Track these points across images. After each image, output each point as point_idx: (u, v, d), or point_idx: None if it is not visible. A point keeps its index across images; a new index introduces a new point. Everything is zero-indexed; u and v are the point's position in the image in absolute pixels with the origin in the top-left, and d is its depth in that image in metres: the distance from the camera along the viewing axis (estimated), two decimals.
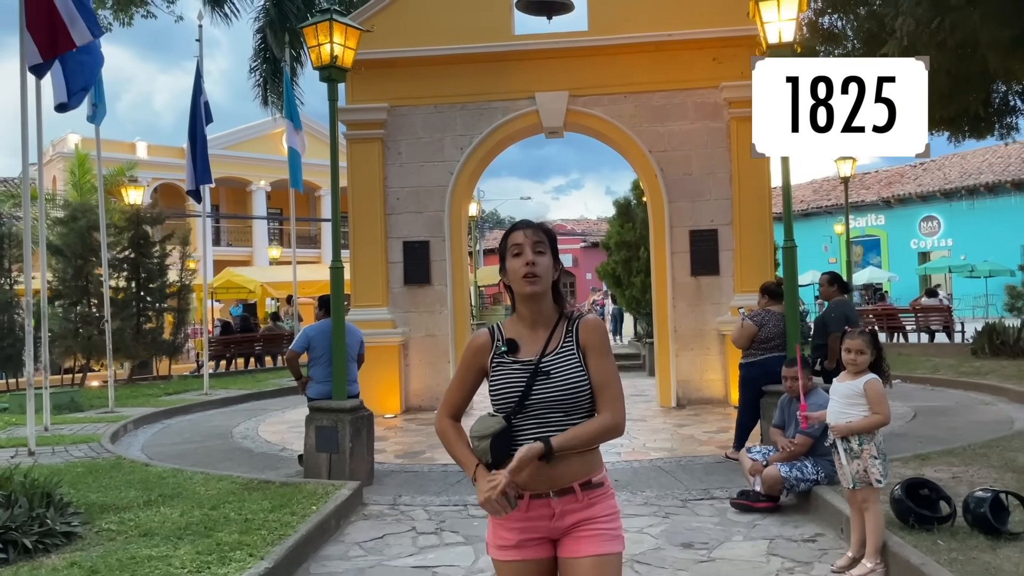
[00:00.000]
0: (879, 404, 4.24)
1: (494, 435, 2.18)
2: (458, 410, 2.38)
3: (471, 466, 2.23)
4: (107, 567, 4.20)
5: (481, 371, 2.35)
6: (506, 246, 2.30)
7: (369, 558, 4.96)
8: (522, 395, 2.21)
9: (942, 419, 8.99)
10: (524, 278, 2.23)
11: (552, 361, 2.24)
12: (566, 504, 2.19)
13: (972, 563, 3.94)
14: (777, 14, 6.94)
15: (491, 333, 2.35)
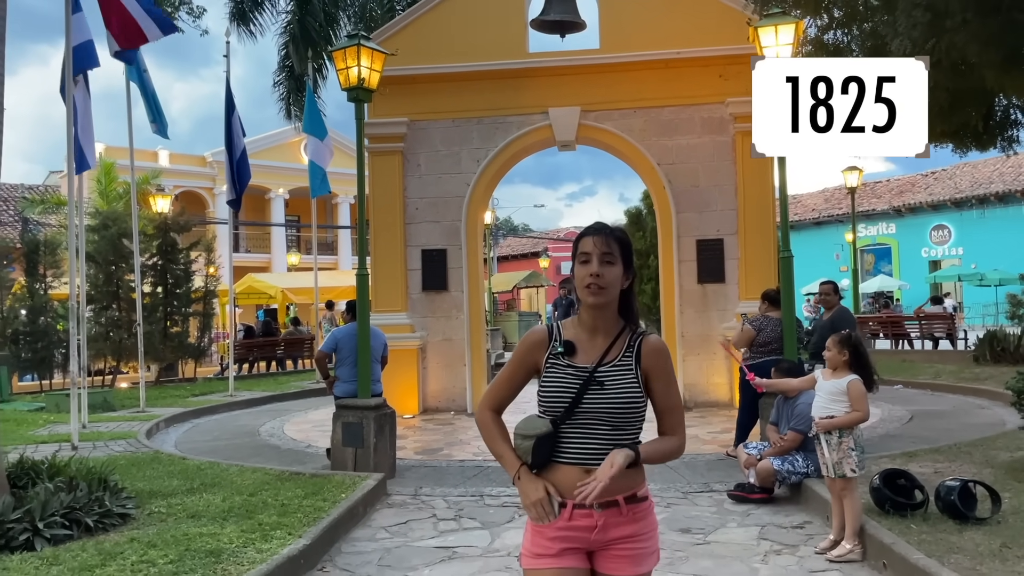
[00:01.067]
0: (859, 402, 4.69)
1: (539, 437, 2.15)
2: (502, 404, 2.34)
3: (515, 465, 2.20)
4: (163, 542, 4.71)
5: (532, 368, 2.29)
6: (576, 250, 2.24)
7: (394, 540, 5.45)
8: (573, 401, 2.16)
9: (937, 421, 9.39)
10: (587, 288, 2.19)
11: (608, 372, 2.19)
12: (610, 517, 2.16)
13: (938, 543, 4.38)
14: (775, 39, 7.41)
15: (549, 332, 2.29)
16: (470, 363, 11.55)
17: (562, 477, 2.16)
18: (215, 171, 36.22)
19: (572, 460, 2.16)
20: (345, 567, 4.88)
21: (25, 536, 4.66)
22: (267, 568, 4.33)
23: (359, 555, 5.13)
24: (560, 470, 2.17)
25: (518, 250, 49.89)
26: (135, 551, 4.56)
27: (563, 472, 2.17)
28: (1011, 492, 5.35)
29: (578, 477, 2.12)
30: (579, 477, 2.12)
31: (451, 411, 11.46)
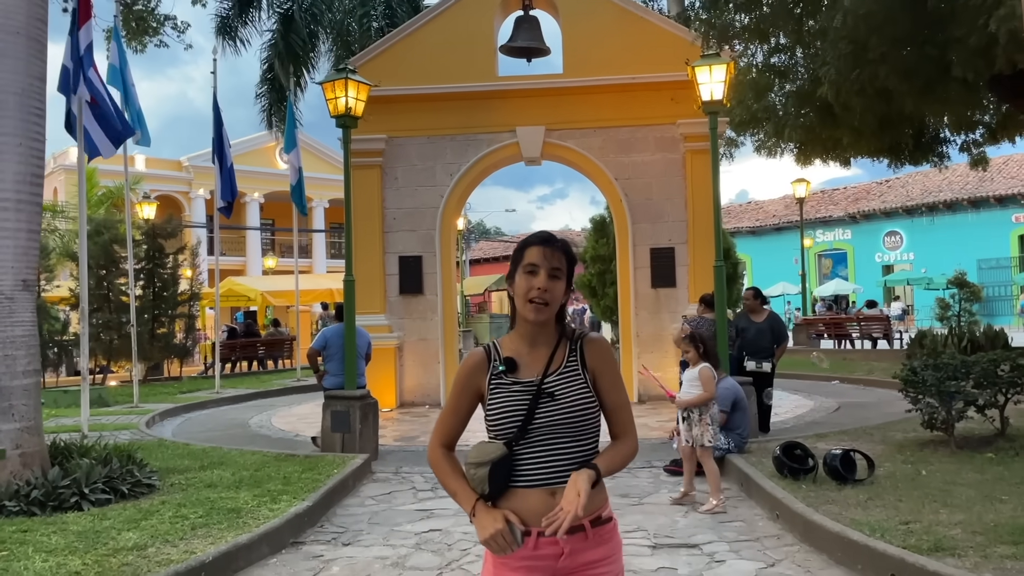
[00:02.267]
0: (707, 385, 6.06)
1: (494, 462, 2.03)
2: (452, 438, 2.20)
3: (470, 500, 2.05)
4: (191, 503, 5.69)
5: (476, 394, 2.16)
6: (521, 259, 2.13)
7: (380, 506, 6.45)
8: (524, 419, 2.05)
9: (860, 411, 10.57)
10: (531, 303, 2.09)
11: (556, 382, 2.09)
12: (576, 542, 2.03)
13: (819, 497, 5.49)
14: (709, 76, 8.54)
15: (487, 352, 2.17)
16: (443, 361, 12.56)
17: (524, 502, 2.03)
18: (191, 175, 36.87)
19: (533, 482, 2.04)
20: (340, 525, 5.88)
21: (74, 499, 5.62)
22: (279, 522, 5.33)
23: (351, 516, 6.13)
24: (521, 495, 2.04)
25: (490, 253, 50.91)
26: (169, 509, 5.53)
27: (524, 496, 2.03)
28: (891, 463, 6.50)
29: (541, 499, 2.01)
30: (542, 499, 2.01)
31: (426, 405, 12.45)
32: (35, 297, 6.31)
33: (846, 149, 15.28)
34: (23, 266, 6.11)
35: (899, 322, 27.00)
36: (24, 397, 6.02)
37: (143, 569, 4.37)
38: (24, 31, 6.14)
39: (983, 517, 4.83)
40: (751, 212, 43.19)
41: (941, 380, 6.78)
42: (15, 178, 6.02)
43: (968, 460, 6.44)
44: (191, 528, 5.13)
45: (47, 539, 4.86)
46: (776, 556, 4.85)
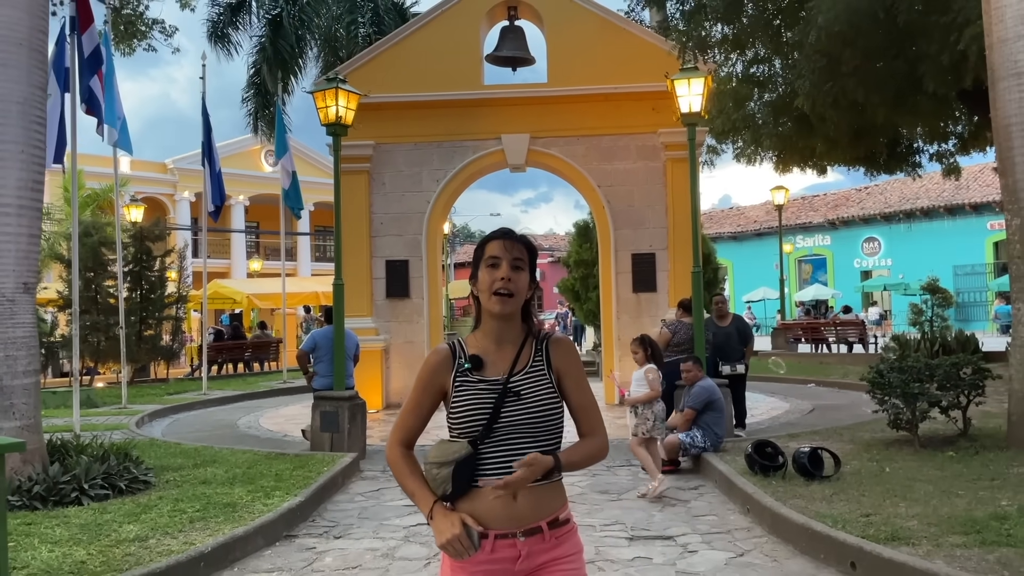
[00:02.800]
0: (652, 384, 6.62)
1: (458, 462, 1.99)
2: (412, 437, 2.17)
3: (427, 502, 2.02)
4: (187, 498, 5.92)
5: (440, 392, 2.14)
6: (482, 254, 2.12)
7: (369, 502, 6.70)
8: (490, 418, 2.02)
9: (833, 412, 10.91)
10: (496, 295, 2.07)
11: (522, 381, 2.07)
12: (534, 545, 2.02)
13: (787, 492, 5.79)
14: (688, 90, 8.84)
15: (451, 349, 2.15)
16: None
17: (483, 502, 2.00)
18: (176, 178, 36.87)
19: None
20: (331, 519, 6.12)
21: (75, 495, 5.83)
22: (273, 516, 5.57)
23: (341, 512, 6.37)
24: (481, 495, 2.00)
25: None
26: (166, 504, 5.76)
27: (484, 496, 2.00)
28: (857, 460, 6.82)
29: (503, 501, 1.98)
30: (504, 501, 1.98)
31: None
32: (35, 300, 6.51)
33: (822, 158, 15.73)
34: (24, 269, 6.31)
35: (877, 327, 27.53)
36: (24, 396, 6.22)
37: (146, 559, 4.60)
38: (27, 42, 6.35)
39: (939, 510, 5.15)
40: (732, 217, 43.71)
41: (906, 382, 7.11)
42: (17, 184, 6.22)
43: (930, 458, 6.77)
44: (189, 521, 5.36)
45: (51, 531, 5.08)
46: (745, 547, 5.14)
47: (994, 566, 4.09)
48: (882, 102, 11.46)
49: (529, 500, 2.01)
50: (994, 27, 6.89)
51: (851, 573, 4.50)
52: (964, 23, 9.32)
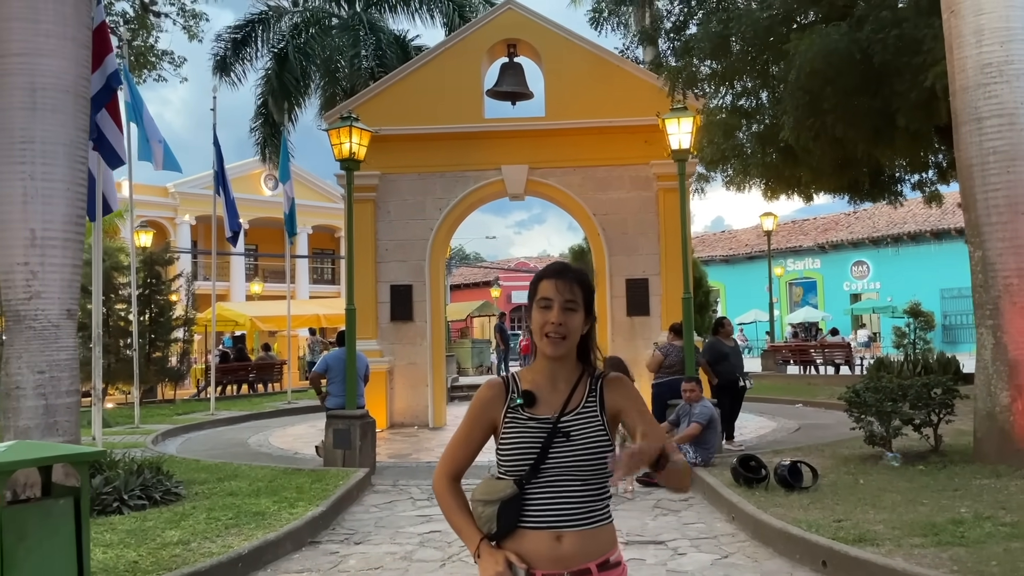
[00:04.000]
0: None
1: (503, 501, 1.97)
2: (460, 469, 2.14)
3: (474, 540, 2.00)
4: (219, 508, 6.44)
5: (490, 426, 2.10)
6: (535, 293, 2.08)
7: (383, 512, 7.22)
8: (538, 457, 1.98)
9: (818, 431, 11.45)
10: (547, 338, 2.03)
11: (573, 421, 2.02)
12: None
13: (769, 501, 6.34)
14: (678, 128, 9.48)
15: (505, 384, 2.12)
16: (431, 384, 13.34)
17: (530, 544, 1.96)
18: (176, 201, 37.45)
19: (540, 524, 1.96)
20: (350, 528, 6.64)
21: (116, 504, 6.34)
22: (299, 523, 6.10)
23: (359, 521, 6.89)
24: (527, 536, 1.97)
25: (470, 279, 51.77)
26: (201, 513, 6.28)
27: (531, 538, 1.96)
28: (834, 473, 7.38)
29: (547, 542, 1.94)
30: (548, 542, 1.94)
31: (415, 426, 13.21)
32: (76, 325, 7.04)
33: (808, 186, 16.40)
34: (68, 297, 6.86)
35: (865, 349, 28.14)
36: (67, 414, 6.73)
37: (190, 559, 5.12)
38: (72, 89, 6.94)
39: (903, 516, 5.70)
40: (725, 241, 44.45)
41: (880, 401, 7.69)
42: (63, 220, 6.78)
43: (902, 472, 7.32)
44: (224, 528, 5.88)
45: (101, 536, 5.59)
46: (730, 550, 5.68)
47: (946, 562, 4.65)
48: (861, 137, 12.13)
49: (574, 541, 1.95)
50: (957, 75, 7.54)
51: (822, 571, 5.05)
52: (933, 62, 10.00)
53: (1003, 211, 7.23)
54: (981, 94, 7.28)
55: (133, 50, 18.56)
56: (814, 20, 12.73)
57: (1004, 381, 7.23)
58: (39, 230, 6.69)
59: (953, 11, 7.48)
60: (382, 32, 18.94)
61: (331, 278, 43.40)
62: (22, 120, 6.73)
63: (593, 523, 2.00)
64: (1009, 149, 7.17)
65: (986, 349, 7.44)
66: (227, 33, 18.89)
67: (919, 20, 10.42)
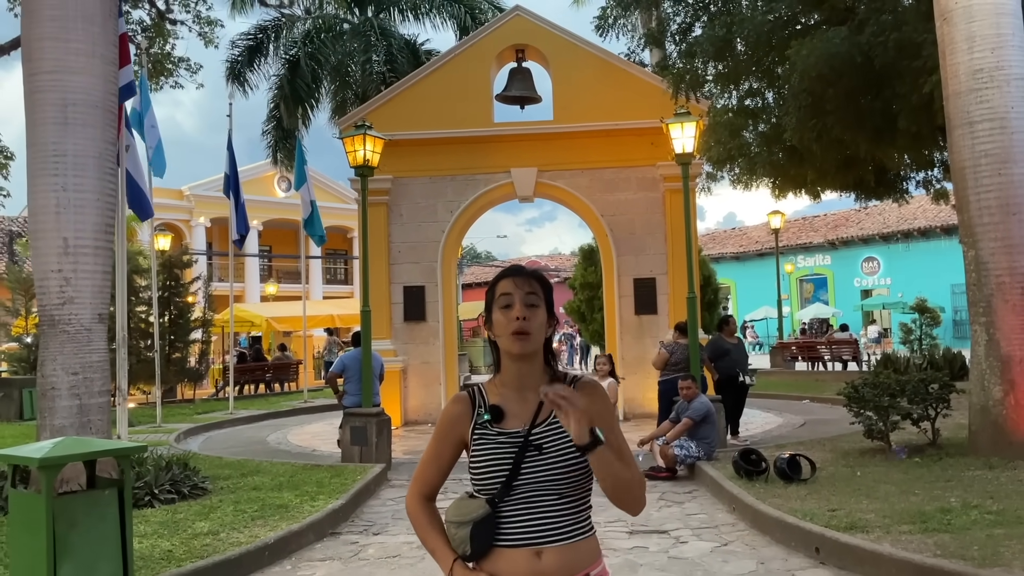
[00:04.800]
0: (611, 394, 7.54)
1: (475, 522, 1.90)
2: (432, 489, 2.07)
3: (447, 561, 1.94)
4: (245, 501, 6.79)
5: (459, 443, 2.03)
6: (493, 295, 2.02)
7: (399, 505, 7.51)
8: (510, 474, 1.90)
9: (823, 427, 11.70)
10: (513, 335, 1.95)
11: (544, 433, 1.93)
12: None
13: (768, 492, 6.63)
14: (681, 132, 9.76)
15: (471, 398, 2.04)
16: (444, 383, 13.67)
17: (507, 563, 1.89)
18: (192, 204, 37.97)
19: (517, 543, 1.89)
20: (368, 520, 6.98)
21: (147, 498, 6.70)
22: (321, 515, 6.43)
23: (376, 513, 7.23)
24: (504, 556, 1.90)
25: (481, 278, 52.05)
26: (227, 506, 6.63)
27: (507, 557, 1.90)
28: (833, 466, 7.66)
29: (526, 560, 1.87)
30: (527, 560, 1.87)
31: (428, 423, 13.53)
32: (106, 328, 7.40)
33: (814, 184, 16.64)
34: (99, 302, 7.21)
35: (876, 345, 28.28)
36: (99, 413, 7.09)
37: (220, 548, 5.46)
38: (101, 104, 7.29)
39: (895, 506, 5.98)
40: (735, 238, 44.57)
41: (878, 396, 7.96)
42: (94, 229, 7.14)
43: (898, 464, 7.59)
44: (250, 519, 6.23)
45: (136, 527, 5.90)
46: (729, 538, 5.97)
47: (931, 547, 4.93)
48: (863, 137, 12.36)
49: (555, 557, 1.87)
50: (950, 81, 7.80)
51: (815, 556, 5.34)
52: (933, 68, 10.22)
53: (995, 212, 7.48)
54: (973, 99, 7.53)
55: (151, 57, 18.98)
56: (816, 23, 12.96)
57: (997, 376, 7.49)
58: (71, 239, 7.05)
59: (946, 19, 7.74)
60: (393, 37, 19.26)
61: (344, 278, 43.86)
62: (54, 134, 7.09)
63: (573, 537, 1.91)
64: (1000, 152, 7.42)
65: (980, 345, 7.70)
66: (241, 40, 19.26)
67: (919, 24, 10.64)
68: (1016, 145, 7.42)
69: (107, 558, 4.08)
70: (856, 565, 5.02)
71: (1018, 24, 7.54)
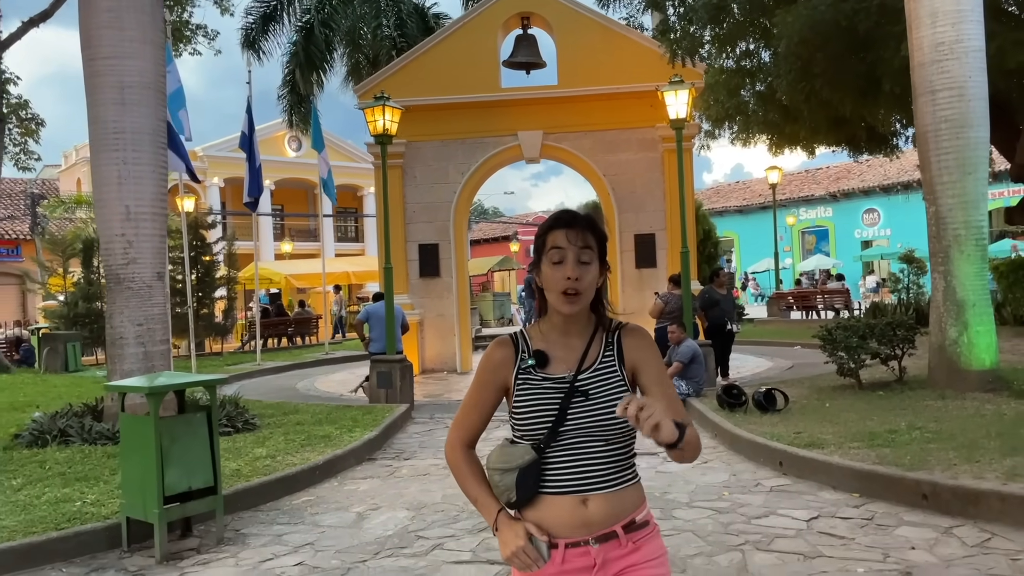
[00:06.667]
0: None
1: (521, 468, 1.84)
2: (473, 435, 2.01)
3: (491, 511, 1.89)
4: (292, 433, 7.86)
5: (502, 389, 1.96)
6: (544, 244, 1.92)
7: (423, 437, 8.60)
8: (555, 420, 1.84)
9: (807, 368, 12.62)
10: (563, 295, 1.87)
11: (591, 378, 1.88)
12: (609, 551, 1.84)
13: (746, 421, 7.65)
14: (675, 99, 10.57)
15: (514, 342, 1.98)
16: (458, 333, 14.70)
17: (553, 511, 1.85)
18: (206, 165, 38.74)
19: (562, 489, 1.85)
20: (399, 448, 8.04)
21: None
22: (359, 443, 7.49)
23: (405, 444, 8.29)
24: (549, 503, 1.86)
25: (489, 234, 52.96)
26: (278, 436, 7.70)
27: (553, 505, 1.86)
28: (807, 400, 8.67)
29: (571, 508, 1.84)
30: (573, 507, 1.84)
31: (444, 371, 14.61)
32: (166, 285, 8.39)
33: (808, 141, 17.41)
34: (158, 262, 8.20)
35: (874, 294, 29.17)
36: (162, 359, 8.13)
37: (279, 468, 6.51)
38: (153, 85, 8.18)
39: (851, 428, 6.98)
40: (739, 191, 45.21)
41: (848, 338, 8.92)
42: (152, 197, 8.09)
43: (865, 397, 8.59)
44: (300, 446, 7.28)
45: None
46: (709, 458, 6.99)
47: (872, 458, 5.93)
48: (849, 98, 13.13)
49: (600, 504, 1.84)
50: (915, 53, 8.60)
51: (779, 469, 6.35)
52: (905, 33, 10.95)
53: (953, 172, 8.34)
54: (935, 69, 8.34)
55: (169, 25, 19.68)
56: None
57: (953, 318, 8.43)
58: (132, 206, 8.01)
59: None
60: (402, 2, 19.89)
61: (355, 236, 44.73)
62: (114, 113, 8.01)
63: (619, 484, 1.87)
64: (958, 118, 8.25)
65: (938, 291, 8.63)
66: (255, 8, 19.91)
67: None
68: (973, 111, 8.25)
69: (200, 466, 5.11)
70: (811, 474, 6.04)
71: (977, 0, 8.30)
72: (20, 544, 4.82)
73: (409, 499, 6.04)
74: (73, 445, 7.43)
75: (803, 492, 5.76)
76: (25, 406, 10.55)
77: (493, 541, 4.78)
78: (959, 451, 5.86)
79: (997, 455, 5.67)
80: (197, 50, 20.54)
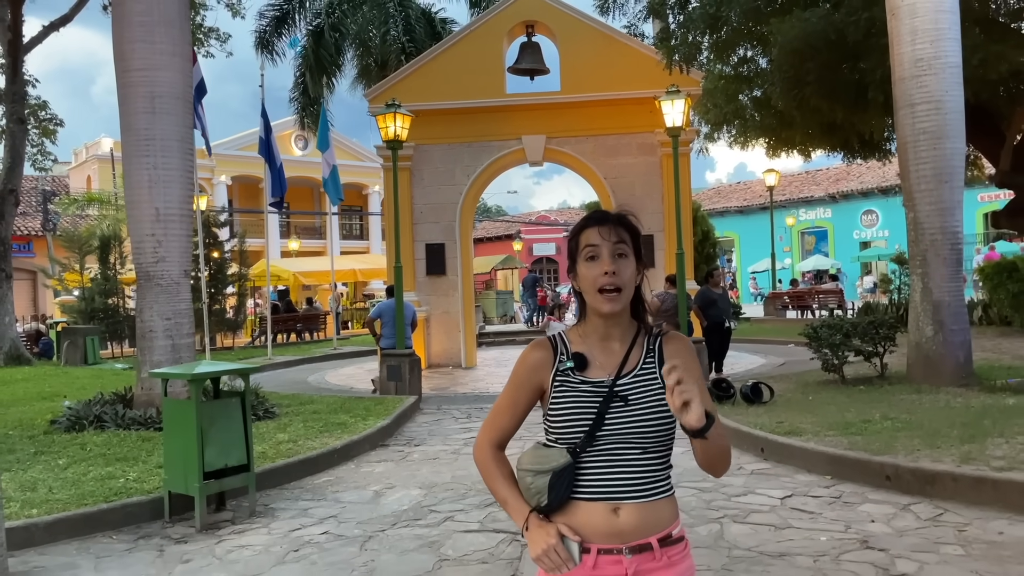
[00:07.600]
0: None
1: (555, 471, 1.81)
2: (505, 437, 1.98)
3: (522, 512, 1.85)
4: (310, 420, 8.43)
5: (537, 391, 1.92)
6: (578, 245, 1.89)
7: (432, 427, 9.17)
8: (593, 424, 1.80)
9: (800, 365, 13.12)
10: (601, 293, 1.84)
11: (631, 384, 1.84)
12: (642, 563, 1.80)
13: (732, 412, 8.20)
14: (672, 107, 11.12)
15: (552, 345, 1.93)
16: (463, 330, 15.27)
17: (584, 517, 1.81)
18: (214, 163, 39.32)
19: (595, 496, 1.80)
20: (409, 435, 8.61)
21: None
22: (372, 431, 8.06)
23: (415, 432, 8.85)
24: (581, 508, 1.81)
25: (492, 232, 53.48)
26: (298, 423, 8.27)
27: (585, 511, 1.81)
28: (792, 393, 9.22)
29: (603, 515, 1.79)
30: (604, 515, 1.79)
31: (450, 366, 15.18)
32: (190, 283, 8.96)
33: (803, 146, 17.94)
34: (184, 260, 8.77)
35: (871, 294, 29.70)
36: (188, 351, 8.70)
37: (300, 451, 7.09)
38: (181, 96, 8.75)
39: (829, 419, 7.53)
40: (740, 192, 45.74)
41: (832, 335, 9.47)
42: (179, 200, 8.66)
43: (846, 391, 9.13)
44: (318, 432, 7.86)
45: None
46: None
47: (845, 444, 6.48)
48: (840, 106, 13.67)
49: (632, 514, 1.80)
50: (896, 68, 9.14)
51: (760, 455, 6.91)
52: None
53: (930, 180, 8.89)
54: (914, 84, 8.89)
55: None
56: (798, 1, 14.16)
57: (929, 317, 8.98)
58: (161, 208, 8.58)
59: (894, 14, 9.05)
60: (411, 7, 20.45)
61: (359, 234, 45.32)
62: (145, 121, 8.58)
63: (652, 495, 1.83)
64: (935, 130, 8.80)
65: (916, 292, 9.18)
66: (268, 10, 20.48)
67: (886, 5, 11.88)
68: (949, 124, 8.79)
69: (235, 446, 5.68)
70: (789, 459, 6.59)
71: (955, 19, 8.85)
72: (74, 514, 5.39)
73: (421, 479, 6.61)
74: (108, 430, 8.00)
75: (781, 475, 6.32)
76: (52, 396, 11.13)
77: (500, 513, 5.37)
78: (924, 438, 6.41)
79: (957, 442, 6.22)
80: (210, 52, 21.11)
